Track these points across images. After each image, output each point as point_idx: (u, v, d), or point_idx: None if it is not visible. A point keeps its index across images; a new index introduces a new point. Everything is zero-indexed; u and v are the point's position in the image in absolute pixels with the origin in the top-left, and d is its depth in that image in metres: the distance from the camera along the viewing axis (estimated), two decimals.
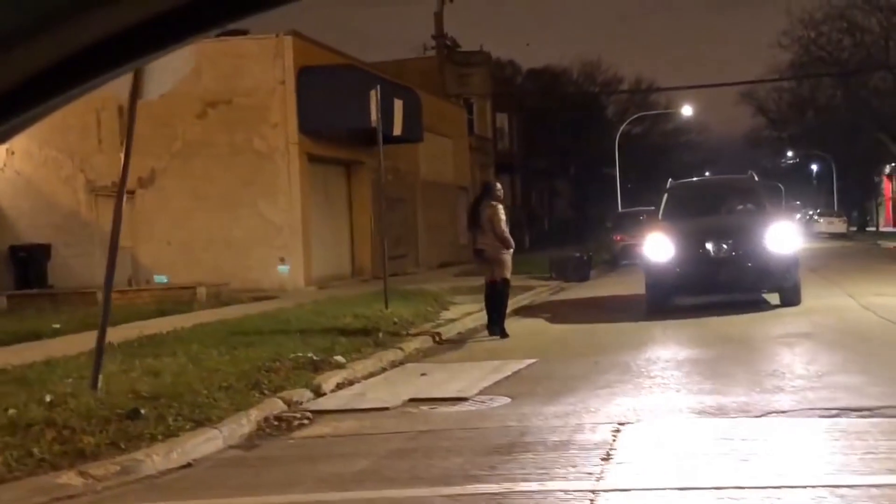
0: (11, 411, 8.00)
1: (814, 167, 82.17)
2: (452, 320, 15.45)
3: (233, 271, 23.75)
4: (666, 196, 17.53)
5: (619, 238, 33.68)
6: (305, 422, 8.50)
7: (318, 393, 9.64)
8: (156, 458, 7.05)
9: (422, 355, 12.47)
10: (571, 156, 64.78)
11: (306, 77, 24.51)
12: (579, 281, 24.97)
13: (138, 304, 19.89)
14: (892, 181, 72.52)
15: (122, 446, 7.13)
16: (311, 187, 25.37)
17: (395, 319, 14.76)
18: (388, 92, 27.01)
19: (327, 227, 26.69)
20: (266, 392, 9.13)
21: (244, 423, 8.16)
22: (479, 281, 23.26)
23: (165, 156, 24.69)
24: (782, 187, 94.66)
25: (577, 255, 26.52)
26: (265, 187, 24.49)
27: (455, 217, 38.35)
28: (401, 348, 12.39)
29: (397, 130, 26.88)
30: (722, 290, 15.58)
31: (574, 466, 6.04)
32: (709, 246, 15.39)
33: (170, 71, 8.55)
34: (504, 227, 13.73)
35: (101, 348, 8.71)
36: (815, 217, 56.93)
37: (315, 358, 10.95)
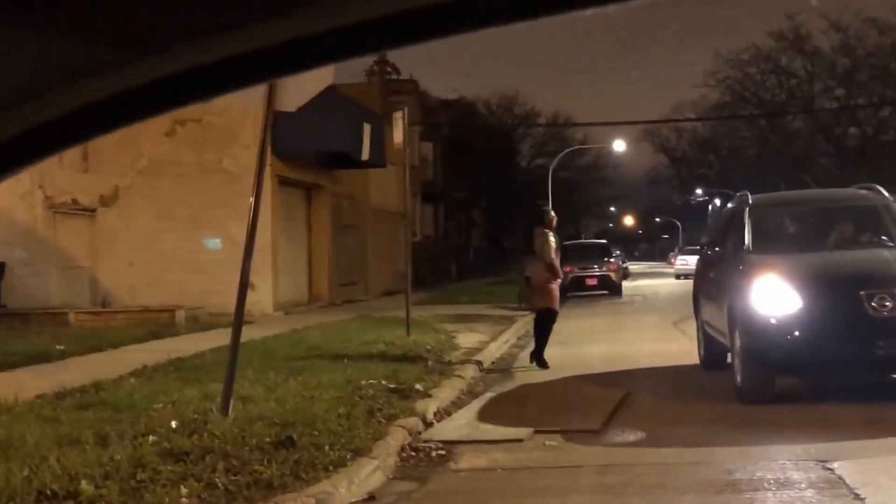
0: (152, 438, 7.49)
1: (717, 203, 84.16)
2: (477, 349, 15.21)
3: (198, 295, 23.02)
4: (749, 216, 11.34)
5: (567, 269, 33.74)
6: (442, 452, 8.17)
7: (426, 422, 9.32)
8: (342, 491, 6.66)
9: (482, 385, 12.21)
10: (487, 187, 65.07)
11: None
12: None
13: (117, 327, 19.12)
14: None
15: (304, 476, 6.71)
16: (280, 211, 24.83)
17: (428, 347, 14.56)
18: (357, 116, 26.77)
19: (289, 252, 26.15)
20: (381, 420, 8.80)
21: (390, 454, 7.81)
22: (454, 308, 23.37)
23: (130, 174, 23.89)
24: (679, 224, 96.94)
25: None
26: (235, 209, 23.79)
27: (397, 245, 38.08)
28: (461, 376, 12.11)
29: (365, 155, 26.63)
30: (879, 371, 9.79)
31: None
32: (865, 299, 9.49)
33: (308, 81, 8.16)
34: (552, 255, 13.47)
35: (232, 373, 8.26)
36: None
37: (390, 386, 10.67)
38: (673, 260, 66.64)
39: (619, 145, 45.25)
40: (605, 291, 34.30)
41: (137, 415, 8.61)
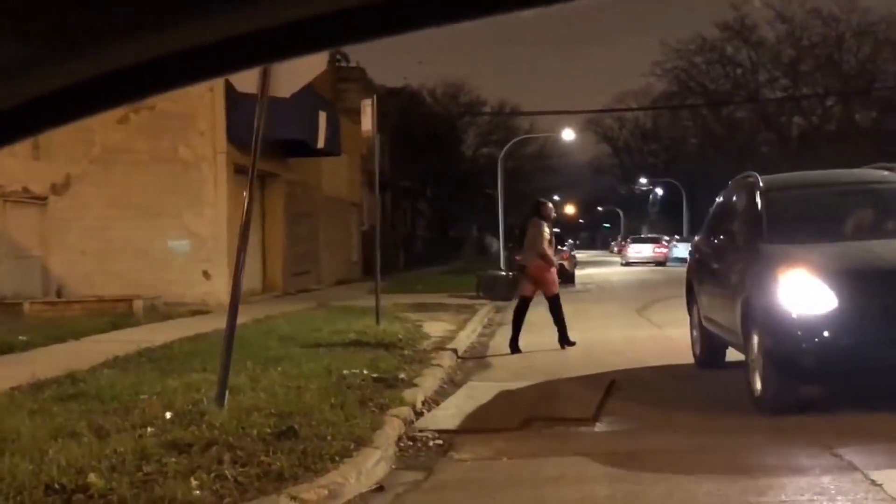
0: (150, 429, 7.36)
1: (659, 192, 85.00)
2: (447, 338, 15.18)
3: (152, 284, 22.71)
4: (762, 201, 10.06)
5: (520, 259, 33.78)
6: (440, 442, 8.13)
7: (416, 412, 9.27)
8: (352, 481, 6.59)
9: (461, 374, 12.19)
10: (433, 176, 65.02)
11: None
12: (506, 300, 24.91)
13: (74, 317, 18.79)
14: None
15: (313, 467, 6.63)
16: (236, 199, 24.54)
17: (399, 336, 14.52)
18: (313, 104, 26.52)
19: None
20: (375, 410, 8.73)
21: (390, 444, 7.76)
22: (412, 298, 23.30)
23: (83, 161, 23.45)
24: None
25: (504, 274, 26.50)
26: (190, 197, 23.55)
27: (349, 234, 37.92)
28: (440, 365, 12.08)
29: (321, 143, 26.44)
30: None
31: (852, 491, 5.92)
32: None
33: (303, 67, 8.05)
34: (544, 245, 14.03)
35: (227, 363, 8.13)
36: (675, 243, 58.72)
37: (373, 375, 10.61)
38: (620, 248, 67.48)
39: (567, 134, 45.46)
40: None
41: (126, 406, 8.45)
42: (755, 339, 8.90)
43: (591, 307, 22.36)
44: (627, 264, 57.28)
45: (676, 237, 61.05)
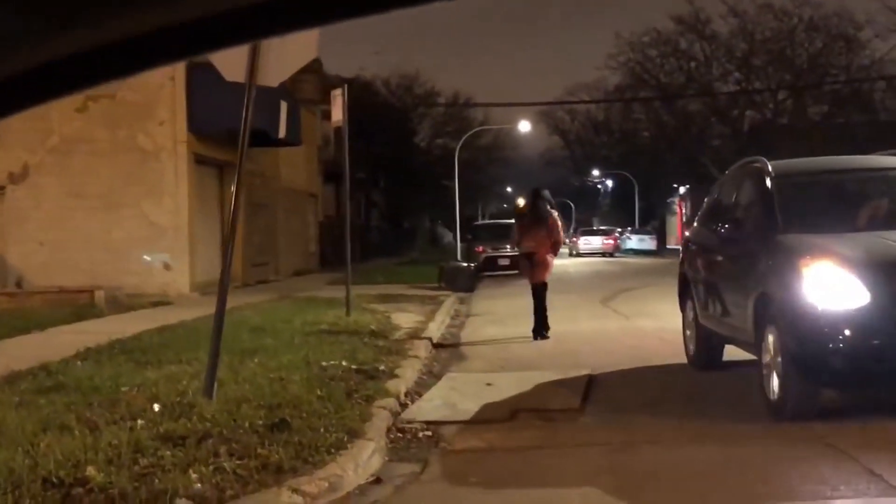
0: (140, 422, 7.24)
1: (609, 185, 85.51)
2: (418, 328, 15.14)
3: (112, 275, 22.43)
4: (774, 188, 9.24)
5: (480, 249, 33.94)
6: (429, 433, 8.10)
7: (400, 403, 9.23)
8: (350, 473, 6.54)
9: (438, 365, 12.17)
10: (386, 167, 64.74)
11: (196, 74, 23.43)
12: (468, 291, 24.97)
13: (35, 308, 18.49)
14: (684, 202, 76.52)
15: (310, 459, 6.56)
16: (196, 189, 24.32)
17: (372, 327, 14.48)
18: (274, 93, 26.28)
19: (204, 232, 25.63)
20: (360, 402, 8.67)
21: (381, 435, 7.71)
22: (373, 289, 23.22)
23: (40, 150, 23.08)
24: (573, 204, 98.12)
25: (465, 265, 26.51)
26: (150, 187, 23.27)
27: (306, 225, 37.71)
28: (416, 356, 12.03)
29: (282, 133, 26.19)
30: None
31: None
32: None
33: (291, 55, 7.94)
34: (562, 234, 14.87)
35: (216, 354, 8.03)
36: (627, 234, 59.24)
37: (352, 367, 10.55)
38: (573, 240, 68.70)
39: (524, 126, 45.59)
40: (517, 272, 34.39)
41: (109, 399, 8.31)
42: (771, 339, 8.09)
43: (554, 297, 22.13)
44: (578, 255, 59.35)
45: (629, 229, 61.51)
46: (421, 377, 11.02)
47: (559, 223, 14.68)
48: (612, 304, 19.48)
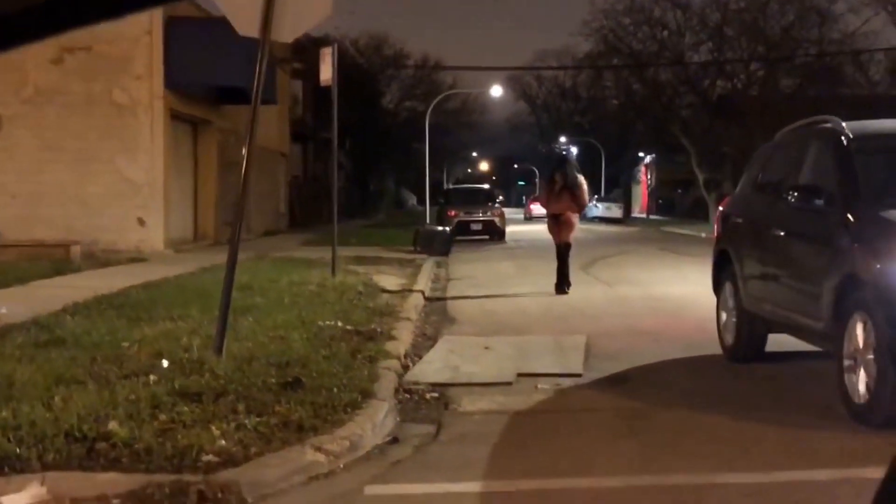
0: (153, 377, 7.21)
1: (574, 151, 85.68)
2: (405, 291, 15.14)
3: (85, 230, 22.23)
4: (857, 154, 7.98)
5: (452, 214, 33.96)
6: (436, 395, 8.13)
7: (402, 365, 9.25)
8: (368, 433, 6.55)
9: (431, 328, 12.21)
10: (353, 129, 64.34)
11: (174, 28, 23.17)
12: (443, 255, 24.98)
13: (11, 262, 18.26)
14: (648, 171, 76.99)
15: (329, 418, 6.56)
16: (172, 146, 24.10)
17: (359, 288, 14.49)
18: (252, 50, 26.02)
19: (177, 189, 25.42)
20: (365, 362, 8.68)
21: (390, 396, 7.73)
22: (349, 251, 23.16)
23: (14, 102, 22.75)
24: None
25: (441, 230, 26.52)
26: (125, 142, 23.03)
27: (277, 185, 37.51)
28: (409, 318, 12.06)
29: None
30: None
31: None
32: None
33: (308, 11, 7.86)
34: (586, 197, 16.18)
35: (226, 311, 8.00)
36: (594, 203, 59.53)
37: (347, 327, 10.56)
38: (529, 207, 70.16)
39: (496, 91, 45.46)
40: (488, 237, 34.58)
41: (113, 354, 8.26)
42: (859, 328, 6.94)
43: (531, 263, 22.51)
44: (529, 219, 62.94)
45: (595, 196, 61.83)
46: (416, 339, 11.05)
47: (585, 188, 15.85)
48: (593, 270, 19.60)
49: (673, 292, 15.55)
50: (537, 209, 66.01)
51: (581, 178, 15.94)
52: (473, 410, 7.53)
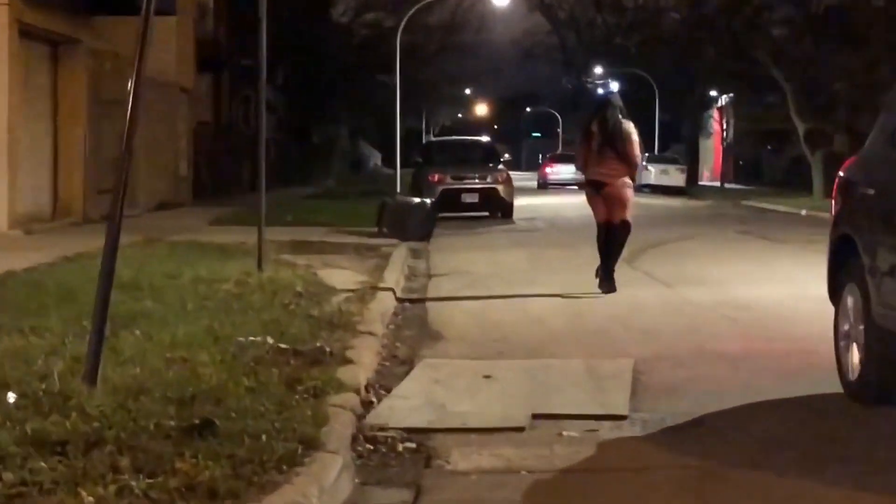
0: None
1: (616, 89, 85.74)
2: (366, 293, 15.17)
3: None
4: None
5: (436, 179, 34.04)
6: (412, 445, 8.16)
7: (363, 401, 9.30)
8: (314, 501, 6.57)
9: (404, 345, 12.29)
10: (289, 54, 64.14)
11: None
12: (422, 239, 25.05)
13: None
14: (723, 118, 77.28)
15: (255, 480, 6.57)
16: (20, 75, 24.09)
17: (298, 289, 14.60)
18: None
19: (28, 141, 25.40)
20: (307, 396, 8.71)
21: (345, 447, 7.76)
22: (282, 233, 23.20)
23: None
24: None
25: (419, 202, 26.57)
26: None
27: (176, 135, 37.52)
28: (372, 333, 12.10)
29: None
30: None
31: None
32: None
33: None
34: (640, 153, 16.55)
35: (102, 322, 8.06)
36: (644, 164, 59.61)
37: (281, 345, 10.60)
38: (544, 169, 71.48)
39: None
40: (488, 212, 34.69)
41: None
42: None
43: (554, 254, 22.59)
44: (545, 186, 68.53)
45: (646, 156, 61.90)
46: (383, 363, 11.10)
47: (636, 140, 15.99)
48: (641, 264, 19.65)
49: (761, 296, 15.61)
50: (556, 173, 70.60)
51: (630, 127, 16.01)
52: (468, 469, 7.57)
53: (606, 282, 15.94)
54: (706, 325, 13.47)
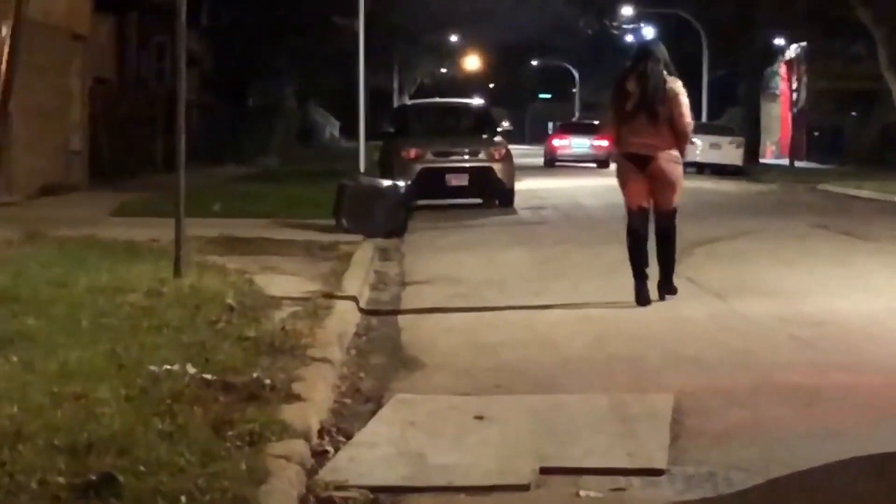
0: None
1: (649, 36, 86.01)
2: (318, 305, 15.23)
3: None
4: None
5: (412, 154, 34.05)
6: None
7: (313, 450, 9.32)
8: None
9: (369, 375, 12.30)
10: None
11: None
12: (393, 235, 25.09)
13: None
14: (792, 75, 77.45)
15: None
16: None
17: (229, 301, 14.60)
18: None
19: None
20: (240, 444, 8.73)
21: None
22: (207, 226, 23.24)
23: None
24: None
25: (389, 186, 26.60)
26: None
27: (67, 98, 37.50)
28: (327, 359, 12.12)
29: None
30: None
31: None
32: None
33: None
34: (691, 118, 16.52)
35: None
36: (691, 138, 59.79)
37: (205, 375, 10.62)
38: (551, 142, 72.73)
39: None
40: (481, 199, 34.74)
41: None
42: None
43: (569, 255, 22.59)
44: (552, 162, 71.92)
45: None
46: (342, 400, 11.12)
47: (686, 102, 16.13)
48: (684, 269, 19.54)
49: (842, 311, 15.64)
50: (568, 146, 72.50)
51: (678, 86, 16.15)
52: None
53: (643, 292, 16.21)
54: (769, 349, 13.45)
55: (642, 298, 16.12)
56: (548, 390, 11.53)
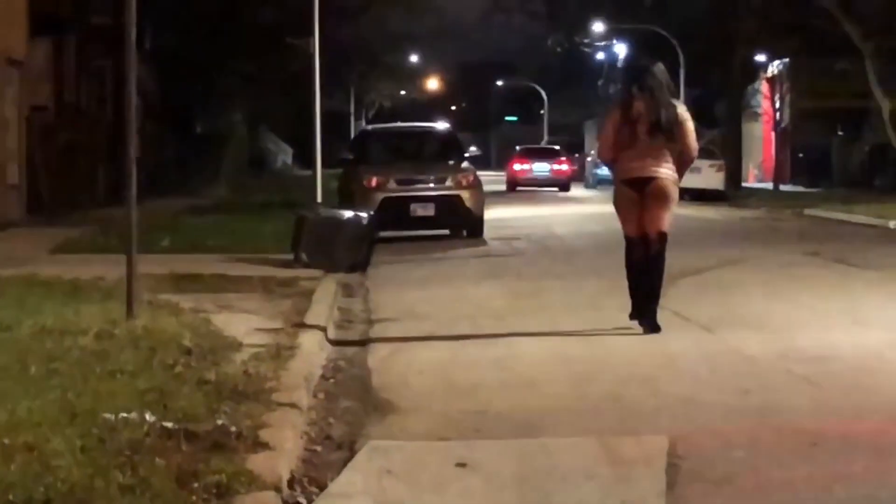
0: None
1: (622, 55, 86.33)
2: (280, 346, 15.19)
3: None
4: None
5: (374, 183, 34.07)
6: None
7: (287, 502, 9.30)
8: None
9: (339, 421, 12.26)
10: (158, 10, 64.21)
11: None
12: (356, 269, 25.10)
13: None
14: (774, 92, 77.70)
15: None
16: None
17: (185, 342, 14.56)
18: None
19: None
20: (206, 496, 8.72)
21: None
22: (157, 262, 23.24)
23: None
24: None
25: (350, 217, 26.58)
26: None
27: (2, 126, 37.50)
28: (294, 405, 12.07)
29: None
30: None
31: None
32: None
33: None
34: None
35: None
36: None
37: (165, 424, 10.58)
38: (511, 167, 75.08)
39: None
40: (448, 230, 34.72)
41: None
42: None
43: (547, 289, 22.58)
44: (513, 186, 76.41)
45: None
46: (312, 448, 11.11)
47: (691, 127, 16.72)
48: (669, 301, 19.57)
49: (841, 346, 15.65)
50: (527, 170, 77.30)
51: (683, 110, 16.75)
52: None
53: (649, 320, 16.53)
54: (767, 387, 13.42)
55: (652, 325, 16.46)
56: (532, 434, 11.47)
